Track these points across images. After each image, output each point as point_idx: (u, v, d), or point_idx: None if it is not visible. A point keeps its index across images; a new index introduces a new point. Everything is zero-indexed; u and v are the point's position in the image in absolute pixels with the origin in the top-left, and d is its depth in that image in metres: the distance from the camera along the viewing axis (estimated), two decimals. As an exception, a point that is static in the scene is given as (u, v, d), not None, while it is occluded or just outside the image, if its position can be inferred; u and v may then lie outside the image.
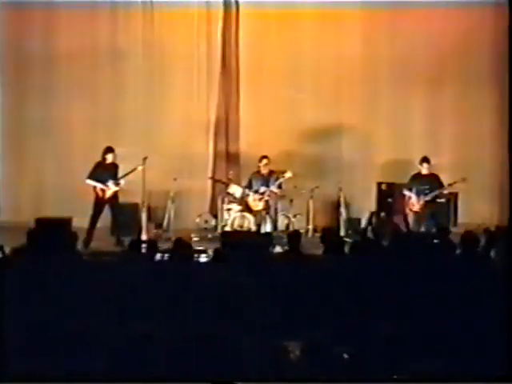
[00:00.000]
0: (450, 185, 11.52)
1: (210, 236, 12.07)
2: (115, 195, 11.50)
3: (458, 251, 7.10)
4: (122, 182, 11.39)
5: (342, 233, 12.29)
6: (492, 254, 7.12)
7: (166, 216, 12.34)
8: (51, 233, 9.51)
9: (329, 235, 8.12)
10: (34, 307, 5.58)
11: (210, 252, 8.76)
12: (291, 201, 12.47)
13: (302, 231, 12.05)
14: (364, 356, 4.48)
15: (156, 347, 4.31)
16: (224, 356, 4.37)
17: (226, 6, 13.37)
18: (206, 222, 12.80)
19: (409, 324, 5.04)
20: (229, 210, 12.20)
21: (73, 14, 13.08)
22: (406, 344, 4.54)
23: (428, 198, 11.41)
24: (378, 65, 13.33)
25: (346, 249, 7.69)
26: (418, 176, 11.59)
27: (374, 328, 4.62)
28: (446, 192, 11.65)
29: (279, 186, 11.95)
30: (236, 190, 12.26)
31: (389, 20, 13.23)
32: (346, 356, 4.69)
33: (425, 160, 11.54)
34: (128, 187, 11.64)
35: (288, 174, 11.86)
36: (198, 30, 13.41)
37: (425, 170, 11.51)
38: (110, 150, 11.48)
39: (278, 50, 13.30)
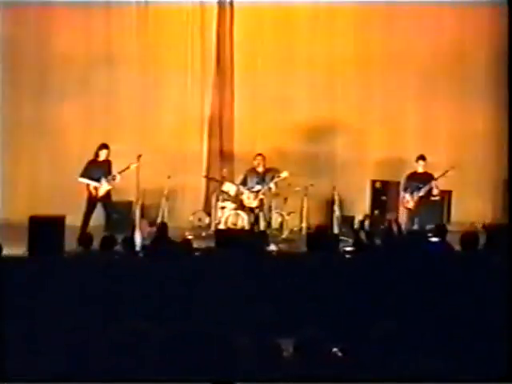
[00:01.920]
0: (439, 176, 11.46)
1: (203, 234, 12.05)
2: (108, 193, 11.48)
3: (456, 250, 7.11)
4: (117, 178, 11.36)
5: (336, 231, 12.30)
6: (491, 252, 7.13)
7: (160, 214, 12.31)
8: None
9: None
10: (32, 307, 5.57)
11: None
12: (285, 199, 12.43)
13: (295, 229, 12.27)
14: (363, 356, 4.47)
15: (155, 347, 4.30)
16: (223, 356, 4.35)
17: (221, 3, 13.34)
18: (200, 219, 12.77)
19: (409, 324, 5.03)
20: (223, 207, 12.19)
21: (67, 13, 13.05)
22: (406, 344, 4.53)
23: (421, 193, 11.43)
24: (372, 62, 13.31)
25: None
26: (413, 175, 11.62)
27: (373, 328, 4.61)
28: (436, 192, 11.57)
29: (275, 185, 11.95)
30: (230, 187, 12.26)
31: (384, 17, 13.21)
32: (339, 353, 4.69)
33: (421, 158, 11.58)
34: (122, 185, 11.63)
35: (284, 174, 11.85)
36: (192, 27, 13.38)
37: (420, 167, 11.53)
38: (104, 146, 11.48)
39: (271, 48, 13.28)
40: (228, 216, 11.98)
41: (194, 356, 4.04)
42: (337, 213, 12.49)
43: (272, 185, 11.91)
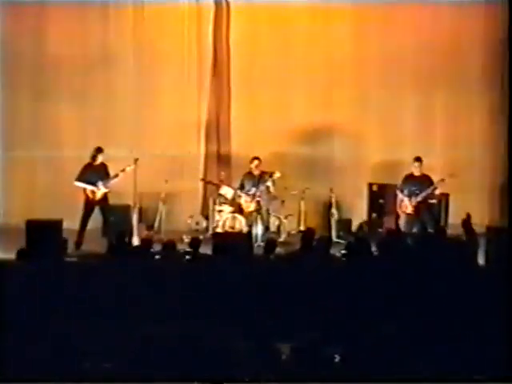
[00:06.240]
0: (438, 182, 11.41)
1: (201, 237, 12.02)
2: (105, 196, 11.48)
3: (455, 251, 7.09)
4: (120, 175, 11.32)
5: (334, 233, 12.30)
6: (490, 253, 7.13)
7: (158, 217, 12.32)
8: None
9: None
10: (31, 308, 5.57)
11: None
12: (282, 202, 12.43)
13: (293, 232, 12.26)
14: (364, 356, 4.46)
15: (154, 347, 4.29)
16: (219, 356, 4.35)
17: (217, 5, 13.33)
18: (198, 223, 12.76)
19: (409, 325, 5.03)
20: (220, 211, 12.19)
21: (62, 13, 13.02)
22: (406, 345, 4.53)
23: (419, 198, 11.36)
24: (369, 65, 13.29)
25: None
26: (410, 177, 11.54)
27: (374, 328, 4.61)
28: (437, 192, 11.55)
29: (268, 187, 11.95)
30: (227, 191, 12.26)
31: (380, 18, 13.14)
32: (337, 357, 4.68)
33: (417, 160, 11.49)
34: (119, 189, 11.62)
35: (277, 174, 11.88)
36: (188, 30, 13.36)
37: (417, 170, 11.45)
38: (99, 150, 11.49)
39: (268, 50, 13.23)
40: (225, 219, 11.98)
41: (194, 357, 4.04)
42: (335, 216, 12.50)
43: (270, 183, 11.91)
